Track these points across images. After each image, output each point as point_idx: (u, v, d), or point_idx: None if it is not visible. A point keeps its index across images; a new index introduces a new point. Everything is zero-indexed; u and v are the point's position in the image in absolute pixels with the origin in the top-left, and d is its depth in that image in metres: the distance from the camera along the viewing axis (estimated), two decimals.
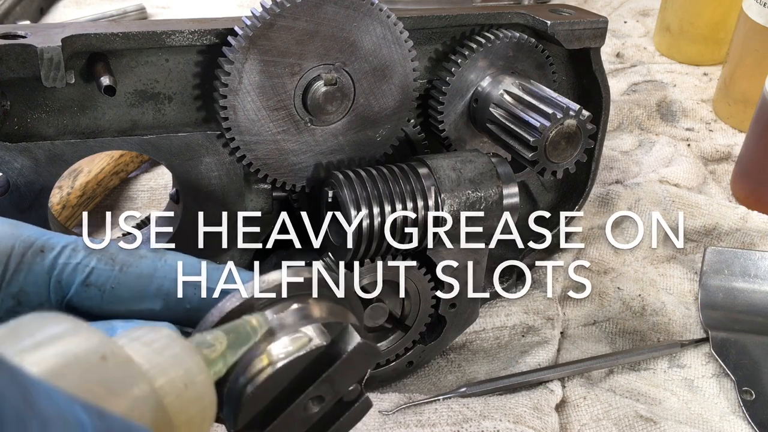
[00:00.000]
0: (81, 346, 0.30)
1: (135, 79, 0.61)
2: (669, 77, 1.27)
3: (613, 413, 0.71)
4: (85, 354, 0.30)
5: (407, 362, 0.74)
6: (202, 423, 0.34)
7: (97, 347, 0.30)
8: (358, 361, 0.41)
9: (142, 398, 0.31)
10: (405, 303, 0.70)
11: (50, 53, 0.54)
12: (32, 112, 0.59)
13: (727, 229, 0.94)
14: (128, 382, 0.31)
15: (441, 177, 0.63)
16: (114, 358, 0.31)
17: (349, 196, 0.60)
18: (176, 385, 0.33)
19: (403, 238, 0.63)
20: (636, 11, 1.49)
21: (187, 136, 0.63)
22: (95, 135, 0.61)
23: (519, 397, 0.70)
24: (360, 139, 0.66)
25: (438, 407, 0.69)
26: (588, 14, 0.75)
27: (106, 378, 0.30)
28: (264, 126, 0.62)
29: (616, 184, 1.01)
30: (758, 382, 0.75)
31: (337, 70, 0.62)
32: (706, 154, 1.09)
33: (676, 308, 0.85)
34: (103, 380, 0.30)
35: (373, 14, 0.61)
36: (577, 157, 0.66)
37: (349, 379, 0.41)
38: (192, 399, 0.33)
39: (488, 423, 0.67)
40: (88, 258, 0.43)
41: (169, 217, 0.70)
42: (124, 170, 0.96)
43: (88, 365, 0.30)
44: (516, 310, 0.82)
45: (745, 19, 1.09)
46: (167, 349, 0.34)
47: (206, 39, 0.60)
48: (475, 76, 0.71)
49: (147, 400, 0.31)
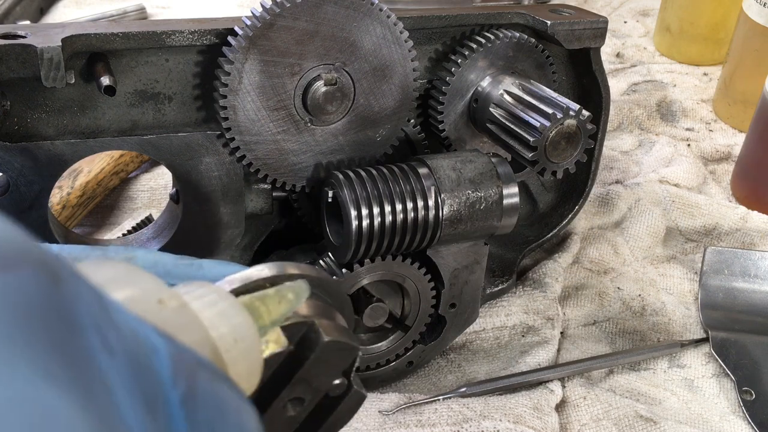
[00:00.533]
0: (138, 287, 0.30)
1: (135, 79, 0.61)
2: (669, 77, 1.27)
3: (613, 413, 0.71)
4: (143, 295, 0.30)
5: (407, 362, 0.74)
6: (249, 377, 0.34)
7: (154, 291, 0.30)
8: (329, 359, 0.40)
9: (199, 343, 0.31)
10: (405, 303, 0.70)
11: (50, 53, 0.54)
12: (32, 112, 0.59)
13: (727, 229, 0.94)
14: (186, 326, 0.31)
15: (441, 177, 0.63)
16: (171, 302, 0.30)
17: (349, 196, 0.60)
18: (227, 339, 0.33)
19: (403, 238, 0.63)
20: (636, 11, 1.49)
21: (187, 136, 0.63)
22: (95, 135, 0.61)
23: (519, 397, 0.70)
24: (360, 139, 0.66)
25: (438, 407, 0.69)
26: (588, 14, 0.75)
27: (165, 320, 0.30)
28: (264, 126, 0.62)
29: (616, 184, 1.01)
30: (758, 382, 0.75)
31: (337, 70, 0.62)
32: (706, 154, 1.09)
33: (676, 308, 0.85)
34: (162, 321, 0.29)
35: (373, 14, 0.61)
36: (577, 157, 0.66)
37: (327, 377, 0.40)
38: (242, 353, 0.33)
39: (488, 423, 0.67)
40: None
41: (169, 217, 0.70)
42: (124, 170, 0.96)
43: (147, 306, 0.29)
44: (516, 310, 0.82)
45: (745, 19, 1.09)
46: (218, 303, 0.34)
47: (206, 39, 0.60)
48: (475, 76, 0.71)
49: (205, 345, 0.31)
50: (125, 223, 0.90)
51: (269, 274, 0.40)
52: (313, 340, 0.39)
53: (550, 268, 0.85)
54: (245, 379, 0.34)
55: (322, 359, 0.39)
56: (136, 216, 0.91)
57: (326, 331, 0.39)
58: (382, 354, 0.71)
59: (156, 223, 0.71)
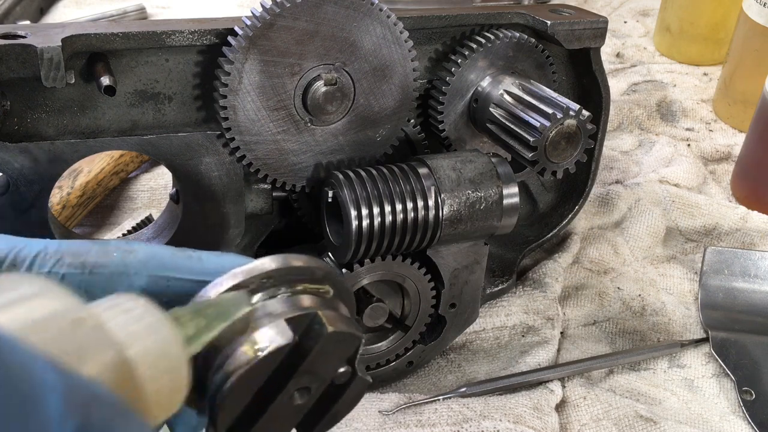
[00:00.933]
0: (52, 307, 0.29)
1: (135, 79, 0.61)
2: (669, 77, 1.27)
3: (613, 413, 0.71)
4: (55, 316, 0.29)
5: (407, 362, 0.74)
6: (172, 394, 0.34)
7: (68, 310, 0.29)
8: (333, 350, 0.40)
9: (111, 365, 0.30)
10: (405, 303, 0.70)
11: (50, 53, 0.54)
12: (32, 111, 0.59)
13: (727, 229, 0.94)
14: (98, 347, 0.30)
15: (441, 177, 0.63)
16: (85, 322, 0.30)
17: (349, 196, 0.60)
18: (148, 355, 0.32)
19: (403, 238, 0.63)
20: (636, 11, 1.49)
21: (187, 136, 0.63)
22: (95, 135, 0.61)
23: (519, 397, 0.70)
24: (360, 139, 0.66)
25: (438, 407, 0.69)
26: (588, 14, 0.75)
27: (76, 342, 0.29)
28: (264, 126, 0.62)
29: (616, 184, 1.01)
30: (758, 382, 0.75)
31: (337, 70, 0.62)
32: (706, 154, 1.09)
33: (676, 308, 0.85)
34: (72, 343, 0.29)
35: (373, 14, 0.61)
36: (577, 157, 0.66)
37: (331, 366, 0.41)
38: (164, 370, 0.33)
39: (488, 423, 0.67)
40: (57, 265, 0.42)
41: (170, 217, 0.70)
42: (124, 170, 0.96)
43: (58, 327, 0.29)
44: (516, 310, 0.82)
45: (745, 19, 1.09)
46: (143, 318, 0.33)
47: (206, 39, 0.60)
48: (475, 76, 0.71)
49: (116, 367, 0.30)
50: (125, 223, 0.90)
51: (273, 267, 0.40)
52: (317, 332, 0.39)
53: (550, 268, 0.85)
54: (167, 396, 0.33)
55: (327, 350, 0.39)
56: (136, 216, 0.91)
57: (330, 321, 0.39)
58: (382, 354, 0.71)
59: (156, 223, 0.71)
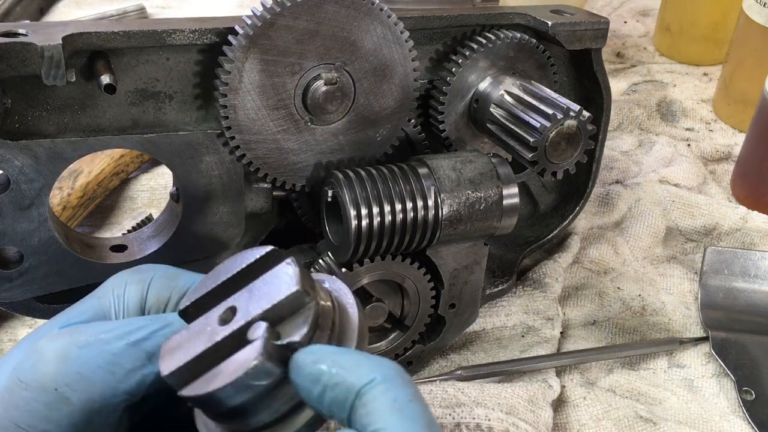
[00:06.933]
0: None
1: (135, 78, 0.61)
2: (669, 77, 1.27)
3: (613, 413, 0.71)
4: None
5: (407, 362, 0.74)
6: None
7: None
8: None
9: None
10: (404, 303, 0.70)
11: (51, 51, 0.54)
12: (33, 110, 0.59)
13: (727, 229, 0.94)
14: None
15: (441, 177, 0.63)
16: None
17: (348, 196, 0.60)
18: None
19: (403, 238, 0.63)
20: (636, 11, 1.49)
21: (188, 135, 0.63)
22: (96, 133, 0.61)
23: (516, 388, 0.70)
24: (360, 138, 0.66)
25: (433, 389, 0.69)
26: (589, 15, 0.75)
27: None
28: (264, 125, 0.62)
29: (616, 184, 1.01)
30: (758, 382, 0.75)
31: (337, 70, 0.62)
32: (706, 154, 1.09)
33: (676, 308, 0.85)
34: None
35: (373, 14, 0.61)
36: (577, 157, 0.66)
37: None
38: None
39: (480, 410, 0.67)
40: None
41: (170, 216, 0.70)
42: (125, 171, 0.96)
43: None
44: (516, 310, 0.82)
45: (745, 19, 1.09)
46: None
47: (207, 38, 0.60)
48: (476, 76, 0.71)
49: None
50: (125, 222, 0.90)
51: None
52: None
53: (550, 268, 0.85)
54: None
55: None
56: (137, 216, 0.91)
57: None
58: (382, 354, 0.71)
59: (156, 222, 0.71)
